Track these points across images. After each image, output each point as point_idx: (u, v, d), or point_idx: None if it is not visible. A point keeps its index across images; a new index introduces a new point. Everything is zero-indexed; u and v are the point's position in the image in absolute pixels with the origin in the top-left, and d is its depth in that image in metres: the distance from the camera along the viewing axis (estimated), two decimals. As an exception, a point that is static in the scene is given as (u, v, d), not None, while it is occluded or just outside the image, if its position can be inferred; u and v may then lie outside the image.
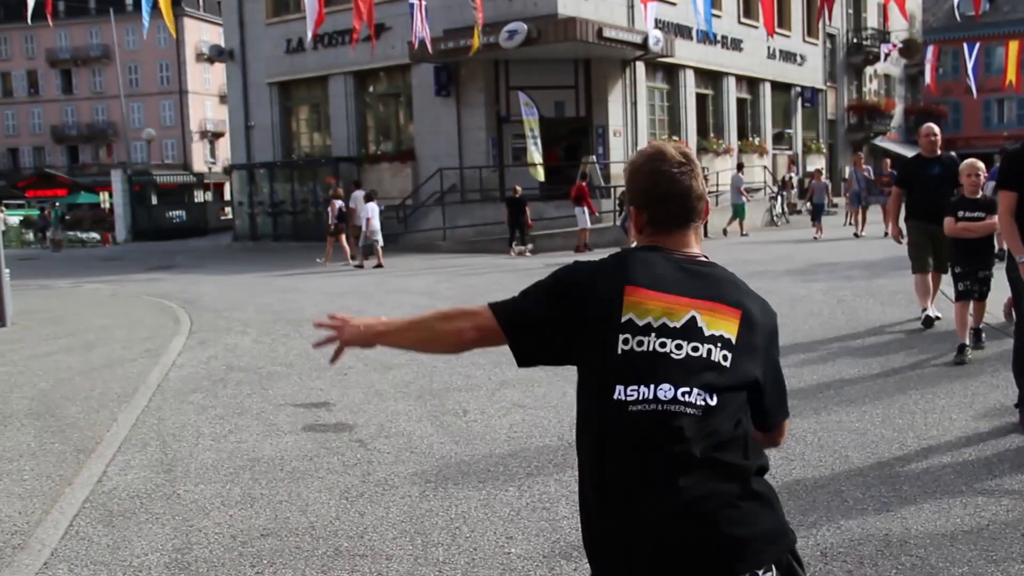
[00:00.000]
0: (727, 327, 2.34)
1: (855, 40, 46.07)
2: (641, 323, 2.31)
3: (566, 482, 5.64)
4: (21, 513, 5.56)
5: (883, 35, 47.43)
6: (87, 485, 6.02)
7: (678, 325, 2.30)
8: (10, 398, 8.65)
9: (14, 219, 49.39)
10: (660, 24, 26.98)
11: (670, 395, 2.24)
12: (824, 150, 41.73)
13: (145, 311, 15.02)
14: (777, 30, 33.59)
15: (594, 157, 26.06)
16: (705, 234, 24.18)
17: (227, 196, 57.11)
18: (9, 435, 7.34)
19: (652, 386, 2.25)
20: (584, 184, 23.42)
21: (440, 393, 8.12)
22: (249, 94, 32.57)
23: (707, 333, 2.31)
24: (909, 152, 49.66)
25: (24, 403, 8.41)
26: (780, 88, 37.61)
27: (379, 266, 20.79)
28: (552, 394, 7.86)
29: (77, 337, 12.28)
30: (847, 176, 24.55)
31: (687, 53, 30.01)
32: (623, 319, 2.31)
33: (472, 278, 17.64)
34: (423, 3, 21.95)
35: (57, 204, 39.31)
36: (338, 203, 22.60)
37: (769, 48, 35.22)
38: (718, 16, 30.44)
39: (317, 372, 9.25)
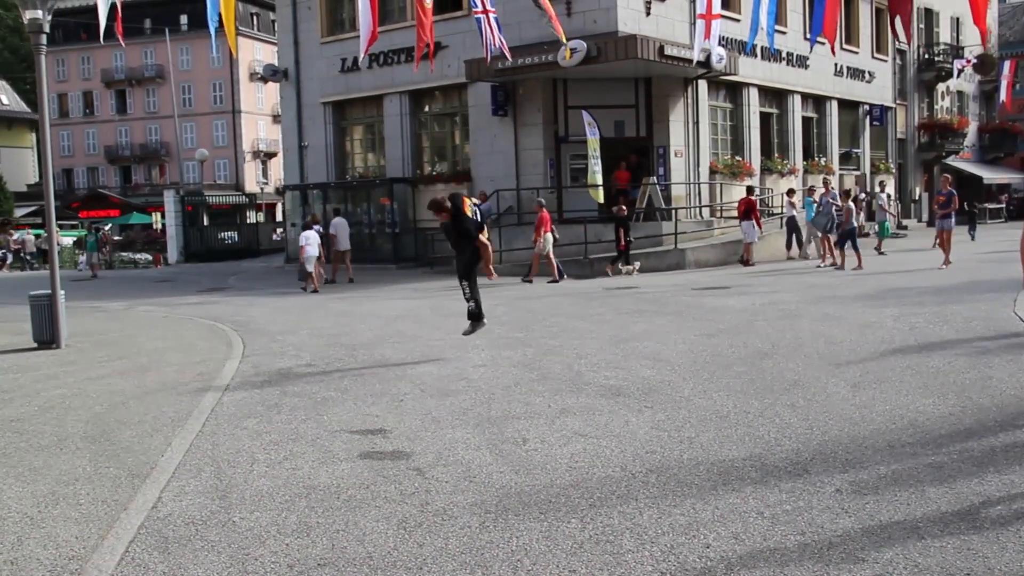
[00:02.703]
0: None
1: (926, 56, 45.51)
2: None
3: (630, 514, 5.61)
4: (78, 538, 5.66)
5: (956, 50, 46.77)
6: (142, 511, 6.11)
7: None
8: (65, 421, 8.81)
9: (67, 240, 50.48)
10: (723, 41, 26.90)
11: None
12: (893, 170, 41.21)
13: (198, 334, 15.24)
14: (844, 46, 33.41)
15: (655, 178, 25.98)
16: (748, 260, 24.00)
17: (279, 217, 57.88)
18: (65, 458, 7.48)
19: None
20: (753, 199, 24.14)
21: (499, 421, 8.12)
22: (303, 114, 33.03)
23: None
24: (983, 172, 49.14)
25: (79, 426, 8.56)
26: (847, 106, 37.26)
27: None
28: (614, 423, 7.83)
29: (131, 360, 12.50)
30: (816, 199, 23.87)
31: (751, 71, 29.86)
32: None
33: (529, 302, 17.65)
34: (492, 15, 22.04)
35: (98, 226, 39.99)
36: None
37: (836, 65, 34.94)
38: (782, 32, 30.27)
39: (373, 398, 9.30)
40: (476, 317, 11.93)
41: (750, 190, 25.37)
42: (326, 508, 6.01)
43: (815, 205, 23.46)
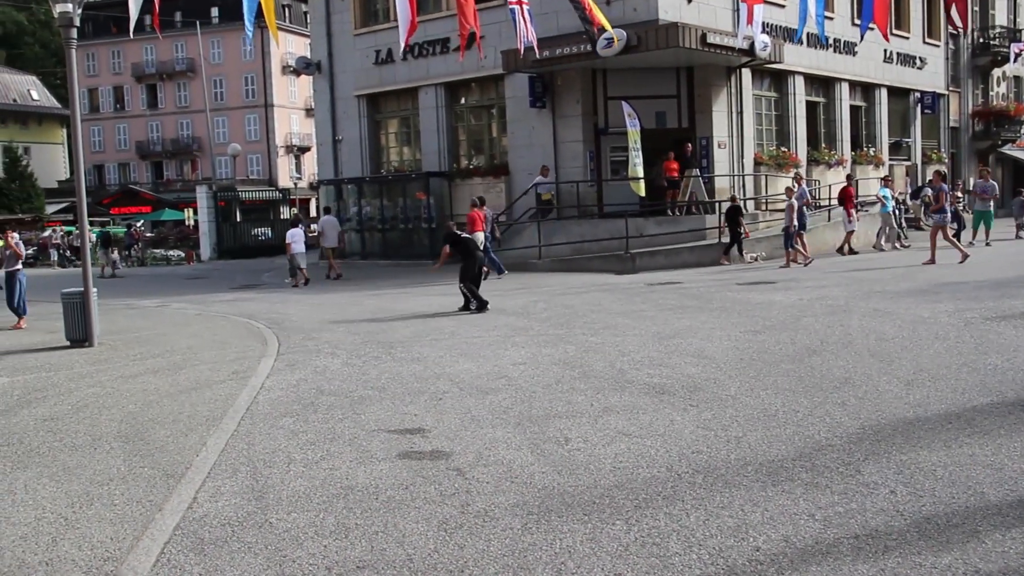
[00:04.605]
0: None
1: (981, 40, 44.89)
2: None
3: (676, 516, 5.59)
4: (113, 539, 5.71)
5: (1013, 33, 46.06)
6: (177, 511, 6.16)
7: None
8: (99, 420, 8.91)
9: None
10: (767, 28, 26.69)
11: None
12: (946, 159, 40.69)
13: (232, 332, 15.36)
14: (895, 31, 32.99)
15: (697, 171, 25.83)
16: (849, 249, 23.85)
17: (313, 212, 58.16)
18: (99, 458, 7.56)
19: None
20: (851, 188, 24.44)
21: (540, 420, 8.11)
22: (337, 107, 33.17)
23: None
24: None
25: (113, 426, 8.66)
26: (898, 94, 36.82)
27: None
28: (659, 422, 7.79)
29: (164, 358, 12.62)
30: (892, 190, 23.67)
31: (796, 58, 29.59)
32: None
33: (569, 298, 17.62)
34: (525, 7, 22.02)
35: (108, 225, 40.63)
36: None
37: (885, 51, 34.53)
38: (830, 18, 29.96)
39: (411, 396, 9.32)
40: (481, 306, 16.14)
41: (849, 178, 25.59)
42: (364, 509, 6.03)
43: (892, 196, 23.28)
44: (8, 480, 7.09)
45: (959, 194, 27.48)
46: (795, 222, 22.00)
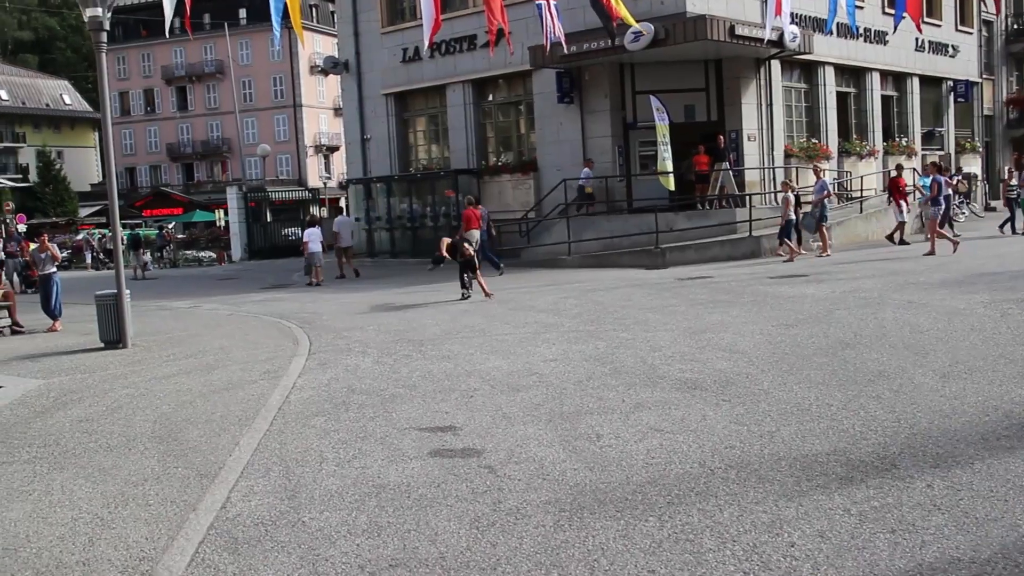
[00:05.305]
0: None
1: (1015, 25, 44.33)
2: None
3: (710, 512, 5.55)
4: (148, 539, 5.76)
5: (1049, 19, 45.51)
6: (211, 511, 6.20)
7: None
8: (133, 421, 8.98)
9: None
10: (796, 18, 26.50)
11: None
12: (980, 148, 40.25)
13: (263, 332, 15.44)
14: (926, 19, 32.66)
15: (727, 164, 25.69)
16: (901, 240, 23.54)
17: (343, 212, 58.40)
18: (134, 459, 7.62)
19: None
20: (900, 179, 24.17)
21: (571, 416, 8.09)
22: (365, 106, 33.28)
23: None
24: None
25: (147, 426, 8.72)
26: (930, 83, 36.44)
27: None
28: (691, 418, 7.76)
29: (196, 359, 12.70)
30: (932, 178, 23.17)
31: (826, 49, 29.35)
32: None
33: (599, 294, 17.58)
34: (552, 2, 21.97)
35: (140, 227, 41.11)
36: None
37: (917, 40, 34.17)
38: (860, 7, 29.69)
39: (442, 394, 9.33)
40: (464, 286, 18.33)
41: (900, 168, 25.22)
42: (396, 507, 6.04)
43: (931, 184, 22.94)
44: (45, 481, 7.16)
45: (1012, 183, 26.90)
46: (792, 216, 21.95)
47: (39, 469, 7.52)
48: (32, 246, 18.53)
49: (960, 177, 24.81)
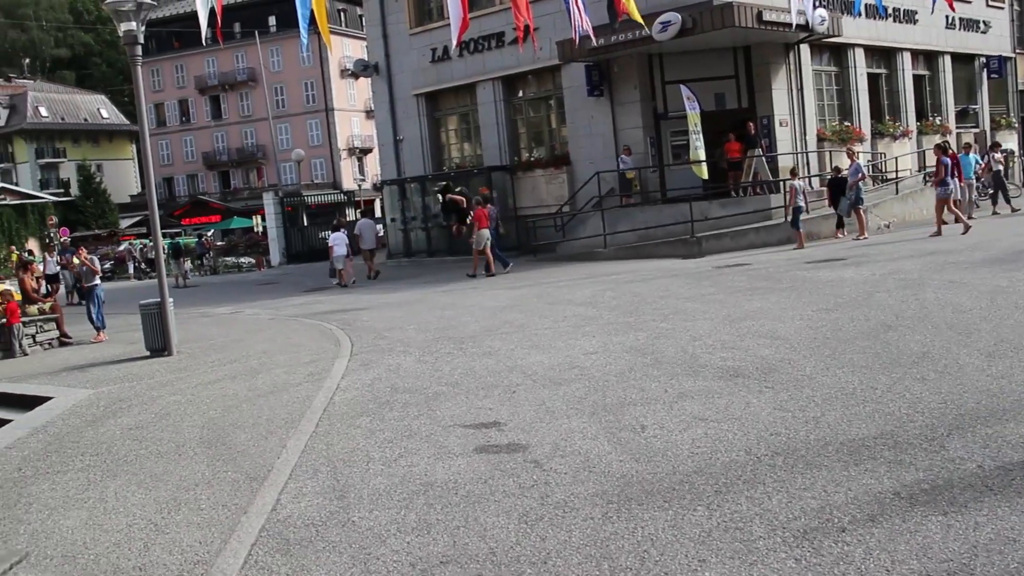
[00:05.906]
0: None
1: (1049, -2, 43.62)
2: None
3: (758, 499, 5.51)
4: (201, 543, 5.80)
5: (1080, -9, 44.74)
6: (262, 513, 6.24)
7: None
8: (182, 427, 9.06)
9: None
10: (824, 1, 26.23)
11: None
12: (1016, 124, 39.65)
13: (305, 335, 15.52)
14: (957, -3, 32.21)
15: (759, 151, 25.50)
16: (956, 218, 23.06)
17: (378, 213, 58.60)
18: (184, 464, 7.69)
19: None
20: (954, 154, 23.59)
21: (615, 408, 8.06)
22: (396, 107, 33.34)
23: None
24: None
25: (195, 432, 8.80)
26: (962, 60, 35.92)
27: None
28: (734, 405, 7.71)
29: (240, 364, 12.79)
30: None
31: (855, 31, 29.01)
32: None
33: (637, 285, 17.51)
34: None
35: (179, 236, 41.36)
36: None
37: (947, 17, 33.74)
38: (889, -13, 29.37)
39: (484, 391, 9.33)
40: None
41: (940, 147, 23.31)
42: (444, 504, 6.05)
43: (936, 165, 22.46)
44: (99, 488, 7.24)
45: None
46: (800, 203, 21.85)
47: (93, 477, 7.60)
48: (83, 254, 18.90)
49: (996, 155, 24.21)
